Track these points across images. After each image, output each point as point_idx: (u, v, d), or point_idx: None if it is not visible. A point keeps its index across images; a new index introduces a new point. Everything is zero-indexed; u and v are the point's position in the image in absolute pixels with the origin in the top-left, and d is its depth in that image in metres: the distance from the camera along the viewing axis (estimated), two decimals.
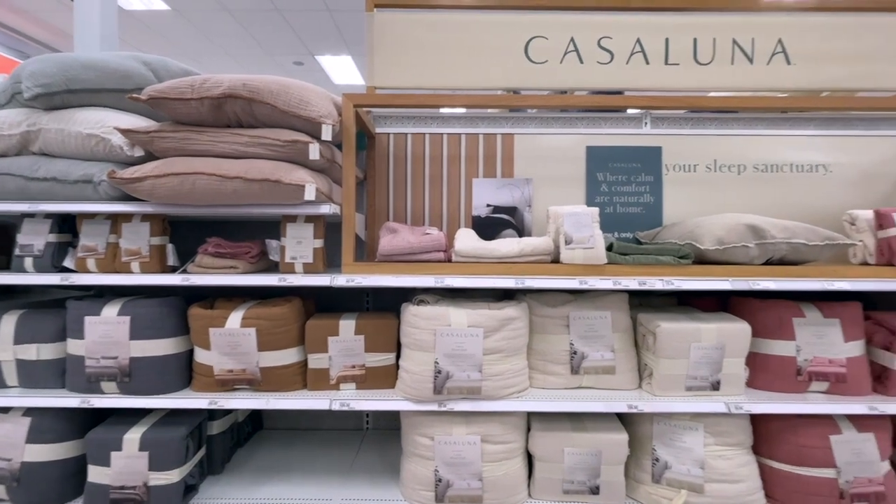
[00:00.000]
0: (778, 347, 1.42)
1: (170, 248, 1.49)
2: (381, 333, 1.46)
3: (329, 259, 1.65)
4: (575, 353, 1.43)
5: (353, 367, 1.45)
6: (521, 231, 1.85)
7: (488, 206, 1.87)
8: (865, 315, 1.47)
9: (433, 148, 1.89)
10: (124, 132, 1.37)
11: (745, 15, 1.84)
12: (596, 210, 1.44)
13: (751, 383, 1.46)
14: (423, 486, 1.35)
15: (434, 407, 1.34)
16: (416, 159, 1.89)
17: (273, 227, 1.53)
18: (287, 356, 1.43)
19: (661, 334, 1.35)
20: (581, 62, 1.86)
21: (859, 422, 1.36)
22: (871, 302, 1.72)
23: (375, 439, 1.87)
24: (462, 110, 1.89)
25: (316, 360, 1.45)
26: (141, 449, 1.34)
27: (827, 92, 1.87)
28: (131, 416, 1.45)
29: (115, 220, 1.45)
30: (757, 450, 1.42)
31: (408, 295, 1.52)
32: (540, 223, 1.83)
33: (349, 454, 1.73)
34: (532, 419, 1.44)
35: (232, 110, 1.36)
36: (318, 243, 1.44)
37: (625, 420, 1.48)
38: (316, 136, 1.39)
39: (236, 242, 1.49)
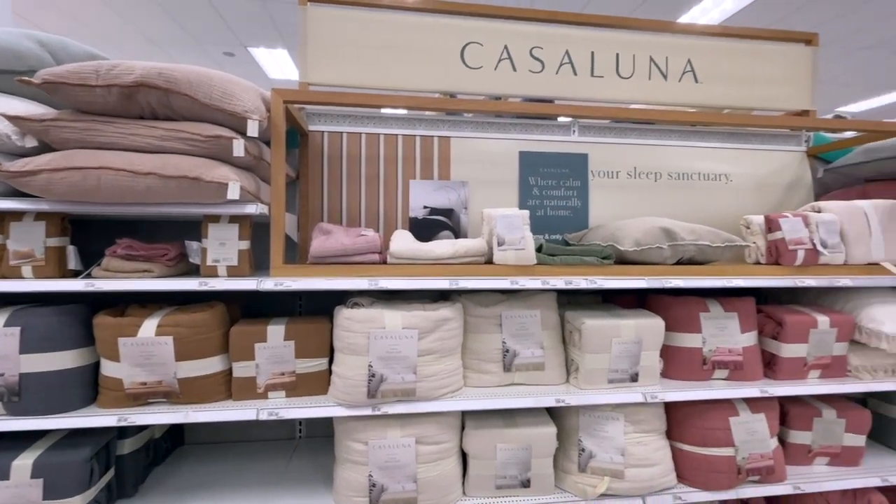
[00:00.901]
0: (687, 340, 1.55)
1: (71, 249, 1.34)
2: (313, 338, 1.41)
3: (258, 262, 1.57)
4: (507, 351, 1.48)
5: (283, 374, 1.39)
6: (458, 232, 1.87)
7: (425, 207, 1.87)
8: (758, 308, 1.65)
9: (370, 148, 1.87)
10: (13, 119, 1.21)
11: (660, 35, 2.00)
12: (527, 213, 1.49)
13: (664, 373, 1.58)
14: (356, 493, 1.33)
15: (368, 411, 1.32)
16: (352, 159, 1.85)
17: (197, 228, 1.43)
18: (209, 365, 1.34)
19: (586, 331, 1.44)
20: (514, 70, 1.92)
21: (753, 404, 1.53)
22: (762, 296, 1.94)
23: (309, 448, 1.81)
24: (400, 111, 1.89)
25: (241, 369, 1.37)
26: (34, 476, 1.20)
27: (728, 109, 2.09)
28: (23, 441, 1.29)
29: (3, 218, 1.28)
30: (670, 434, 1.55)
31: (342, 298, 1.49)
32: (476, 225, 1.86)
33: (280, 465, 1.66)
34: (466, 418, 1.47)
35: (146, 101, 1.26)
36: (244, 245, 1.37)
37: (554, 414, 1.55)
38: (241, 131, 1.32)
39: (151, 244, 1.38)
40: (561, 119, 2.02)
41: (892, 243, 1.64)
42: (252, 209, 1.32)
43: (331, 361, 1.44)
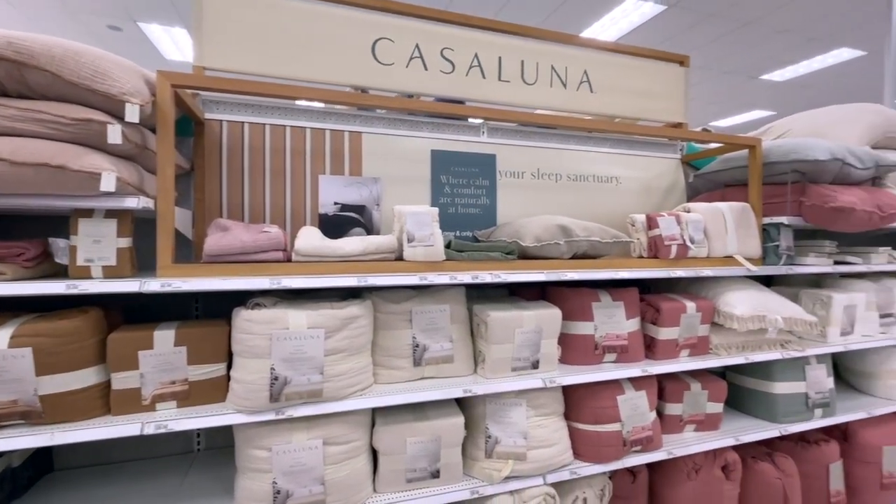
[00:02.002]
0: (581, 328, 1.70)
1: None
2: (209, 343, 1.32)
3: (146, 261, 1.43)
4: (417, 346, 1.50)
5: (174, 382, 1.28)
6: (370, 229, 1.86)
7: (336, 203, 1.83)
8: (640, 297, 1.86)
9: (275, 140, 1.77)
10: None
11: (561, 47, 2.15)
12: (436, 210, 1.53)
13: (562, 359, 1.72)
14: (258, 502, 1.26)
15: (271, 416, 1.26)
16: (255, 151, 1.75)
17: (66, 223, 1.26)
18: (80, 378, 1.19)
19: (492, 323, 1.51)
20: (426, 69, 1.95)
21: (636, 382, 1.71)
22: (646, 286, 2.18)
23: (209, 460, 1.68)
24: (309, 103, 1.82)
25: (122, 380, 1.24)
26: None
27: (619, 118, 2.31)
28: None
29: None
30: (567, 415, 1.68)
31: (246, 300, 1.40)
32: (389, 222, 1.86)
33: (174, 482, 1.52)
34: (376, 415, 1.47)
35: None
36: (125, 243, 1.23)
37: (463, 404, 1.61)
38: (119, 115, 1.19)
39: (4, 242, 1.18)
40: (472, 120, 2.08)
41: (743, 239, 1.94)
42: (133, 203, 1.20)
43: (230, 367, 1.35)
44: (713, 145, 2.39)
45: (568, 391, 1.68)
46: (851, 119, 2.25)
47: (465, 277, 1.46)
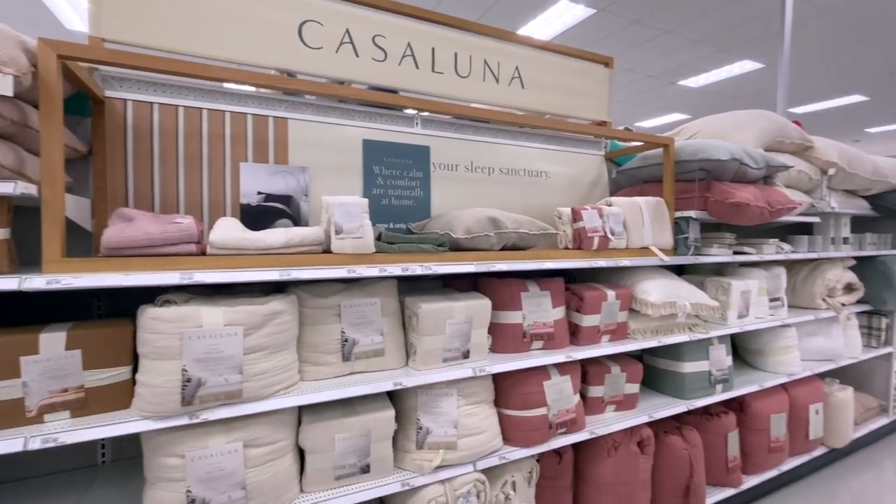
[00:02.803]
0: (510, 317, 1.75)
1: None
2: (109, 345, 1.19)
3: (31, 256, 1.26)
4: (346, 340, 1.46)
5: (66, 390, 1.15)
6: (298, 221, 1.78)
7: (259, 193, 1.73)
8: (565, 287, 1.95)
9: (189, 123, 1.64)
10: None
11: (493, 41, 2.18)
12: (366, 201, 1.49)
13: (493, 348, 1.76)
14: None
15: (184, 421, 1.17)
16: (167, 135, 1.60)
17: None
18: None
19: (422, 314, 1.51)
20: (357, 55, 1.89)
21: (562, 368, 1.80)
22: (572, 276, 2.29)
23: (115, 474, 1.53)
24: (232, 85, 1.69)
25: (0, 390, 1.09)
26: None
27: (549, 115, 2.39)
28: None
29: None
30: (497, 402, 1.73)
31: (158, 297, 1.29)
32: (318, 213, 1.79)
33: (70, 500, 1.37)
34: (303, 413, 1.42)
35: None
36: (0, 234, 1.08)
37: (396, 397, 1.60)
38: None
39: None
40: (406, 111, 2.06)
41: (657, 231, 2.10)
42: (8, 188, 1.05)
43: (136, 370, 1.23)
44: (634, 143, 2.56)
45: (497, 379, 1.73)
46: (748, 123, 2.50)
47: (396, 270, 1.44)
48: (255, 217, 1.70)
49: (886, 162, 3.06)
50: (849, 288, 3.03)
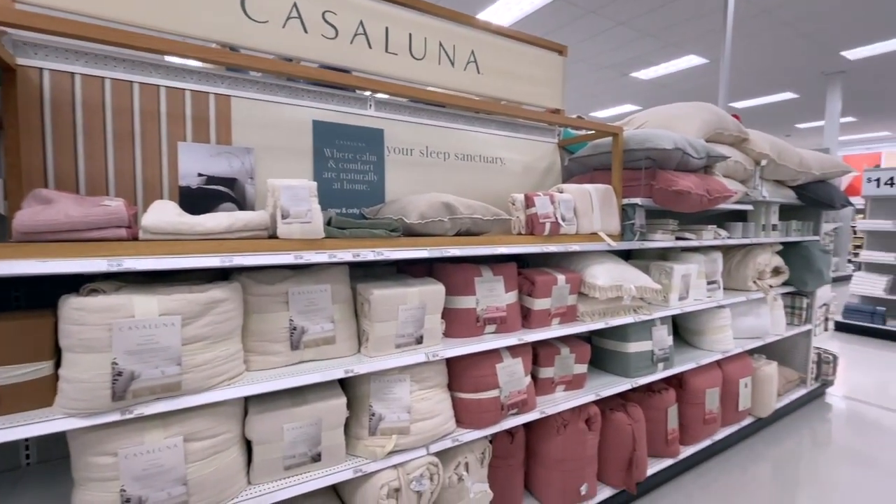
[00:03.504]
0: (464, 302, 1.76)
1: None
2: (25, 338, 1.09)
3: None
4: (295, 328, 1.42)
5: None
6: (243, 205, 1.69)
7: (200, 175, 1.63)
8: (518, 271, 1.99)
9: (119, 97, 1.51)
10: None
11: (448, 24, 2.15)
12: (314, 184, 1.44)
13: (447, 333, 1.77)
14: None
15: (115, 417, 1.10)
16: (92, 109, 1.47)
17: None
18: None
19: (374, 300, 1.49)
20: (306, 31, 1.80)
21: (513, 350, 1.84)
22: (525, 262, 2.33)
23: (42, 475, 1.43)
24: (165, 58, 1.57)
25: None
26: None
27: (504, 101, 2.40)
28: None
29: None
30: (451, 386, 1.75)
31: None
32: (264, 197, 1.71)
33: None
34: (250, 403, 1.37)
35: None
36: None
37: (349, 384, 1.58)
38: None
39: None
40: (359, 92, 1.99)
41: (605, 217, 2.17)
42: None
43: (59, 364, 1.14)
44: (586, 132, 2.62)
45: (451, 363, 1.74)
46: (692, 115, 2.63)
47: (347, 256, 1.41)
48: (196, 201, 1.60)
49: (811, 154, 3.32)
50: (776, 271, 3.29)
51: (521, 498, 2.09)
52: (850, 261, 9.69)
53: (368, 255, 1.44)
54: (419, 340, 1.60)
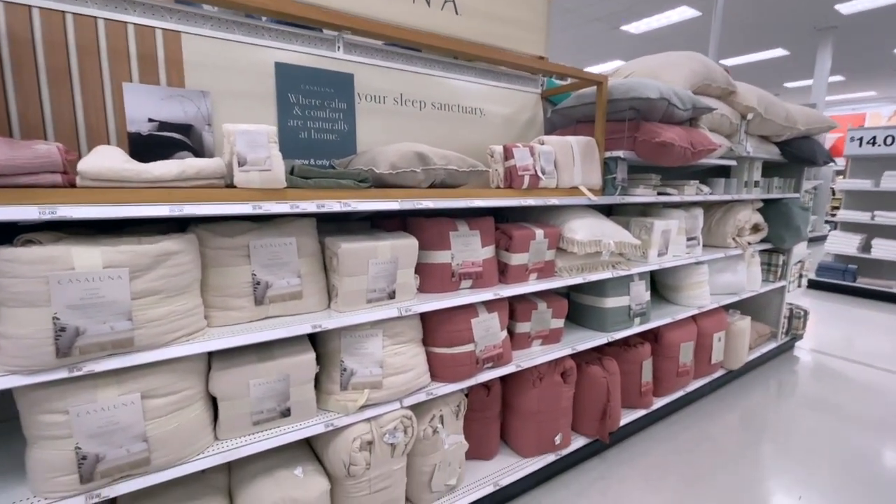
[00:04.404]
0: (439, 256, 1.71)
1: None
2: None
3: None
4: (258, 283, 1.36)
5: None
6: (201, 153, 1.58)
7: (152, 121, 1.50)
8: (495, 226, 1.93)
9: (50, 30, 1.35)
10: None
11: None
12: (273, 129, 1.33)
13: (421, 288, 1.73)
14: (61, 472, 1.07)
15: (62, 374, 1.04)
16: (19, 42, 1.31)
17: None
18: None
19: (342, 254, 1.42)
20: None
21: (490, 305, 1.82)
22: (504, 216, 2.28)
23: None
24: None
25: None
26: None
27: (485, 45, 2.25)
28: None
29: None
30: (425, 341, 1.73)
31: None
32: (224, 145, 1.60)
33: None
34: (213, 359, 1.32)
35: None
36: None
37: (319, 340, 1.54)
38: None
39: None
40: (327, 32, 1.84)
41: (587, 171, 2.11)
42: None
43: None
44: (570, 81, 2.50)
45: (426, 318, 1.71)
46: (679, 64, 2.52)
47: (310, 206, 1.33)
48: (149, 148, 1.48)
49: (797, 109, 3.26)
50: (755, 228, 3.30)
51: (497, 448, 2.13)
52: (826, 221, 9.90)
53: (334, 206, 1.36)
54: (392, 295, 1.56)
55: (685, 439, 2.60)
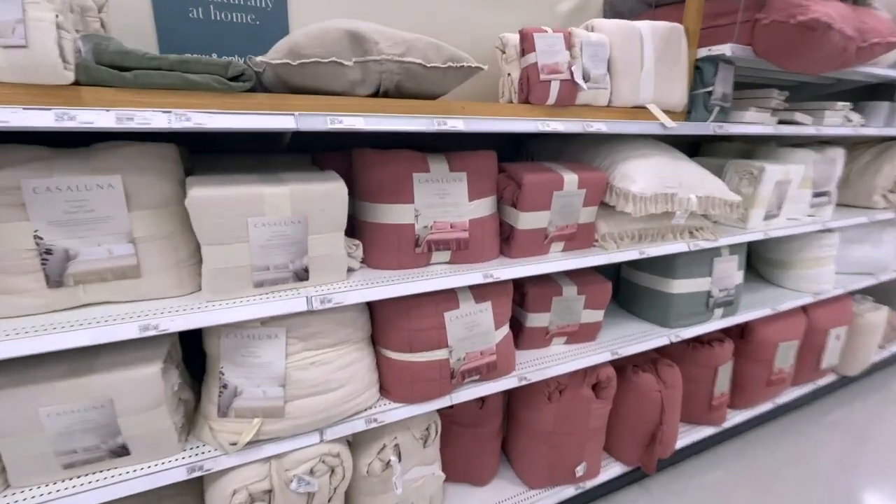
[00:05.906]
0: (395, 213, 1.07)
1: None
2: None
3: None
4: (49, 251, 0.82)
5: None
6: None
7: None
8: (500, 167, 1.23)
9: None
10: None
11: None
12: None
13: (368, 262, 1.12)
14: None
15: None
16: None
17: None
18: None
19: (193, 207, 0.83)
20: None
21: (478, 292, 1.18)
22: (514, 152, 1.55)
23: None
24: None
25: None
26: None
27: None
28: None
29: None
30: (375, 340, 1.15)
31: None
32: None
33: None
34: None
35: None
36: None
37: (204, 340, 1.01)
38: None
39: None
40: None
41: (664, 80, 1.29)
42: None
43: None
44: None
45: (375, 308, 1.12)
46: None
47: (108, 119, 0.73)
48: None
49: None
50: None
51: (495, 470, 1.59)
52: None
53: (160, 119, 0.75)
54: (300, 276, 0.97)
55: (763, 466, 1.89)
